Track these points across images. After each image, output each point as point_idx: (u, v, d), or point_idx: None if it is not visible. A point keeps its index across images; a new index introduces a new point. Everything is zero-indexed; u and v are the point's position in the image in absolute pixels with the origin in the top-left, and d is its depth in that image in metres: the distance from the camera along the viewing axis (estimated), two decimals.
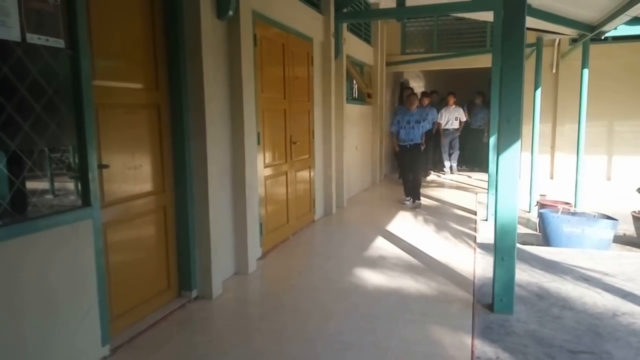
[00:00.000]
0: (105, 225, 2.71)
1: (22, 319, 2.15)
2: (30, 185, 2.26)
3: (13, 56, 2.09)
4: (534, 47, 7.88)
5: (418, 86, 13.09)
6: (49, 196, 2.43)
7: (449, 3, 6.51)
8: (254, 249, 4.17)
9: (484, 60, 8.78)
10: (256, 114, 4.18)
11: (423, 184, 8.76)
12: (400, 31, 10.64)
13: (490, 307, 3.25)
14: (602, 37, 6.49)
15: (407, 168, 7.16)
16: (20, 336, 2.14)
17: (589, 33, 6.16)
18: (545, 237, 5.45)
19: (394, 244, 4.91)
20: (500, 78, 3.07)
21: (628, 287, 3.67)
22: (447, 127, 10.29)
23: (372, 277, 3.91)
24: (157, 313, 3.18)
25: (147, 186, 3.16)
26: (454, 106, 10.24)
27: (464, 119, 10.32)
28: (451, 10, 7.13)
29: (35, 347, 2.21)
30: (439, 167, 10.96)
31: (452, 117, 10.23)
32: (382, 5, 8.44)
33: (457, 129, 10.37)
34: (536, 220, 6.13)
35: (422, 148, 6.97)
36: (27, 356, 2.17)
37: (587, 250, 4.90)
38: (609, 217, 5.35)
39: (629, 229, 5.88)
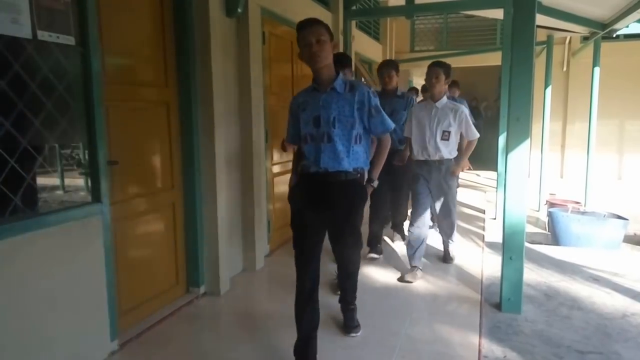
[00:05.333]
0: (115, 221, 2.73)
1: (32, 313, 2.17)
2: (41, 181, 2.29)
3: (24, 53, 2.11)
4: (545, 45, 7.83)
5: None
6: (59, 192, 2.46)
7: (459, 0, 6.47)
8: (262, 246, 4.19)
9: (494, 58, 8.73)
10: (264, 111, 4.19)
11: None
12: (409, 28, 10.61)
13: (498, 307, 3.24)
14: (614, 35, 6.44)
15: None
16: (29, 331, 2.16)
17: (601, 31, 6.12)
18: (554, 237, 5.43)
19: (401, 241, 4.90)
20: (510, 76, 3.05)
21: (638, 287, 3.64)
22: (422, 156, 3.85)
23: (379, 275, 3.91)
24: (165, 309, 3.20)
25: (156, 183, 3.17)
26: (445, 99, 3.81)
27: (474, 135, 3.83)
28: (461, 7, 7.09)
29: (44, 341, 2.23)
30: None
31: (437, 130, 3.76)
32: (391, 3, 8.42)
33: (448, 162, 3.86)
34: (545, 219, 6.10)
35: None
36: (35, 351, 2.20)
37: (597, 250, 4.86)
38: (619, 217, 5.32)
39: (639, 228, 5.83)
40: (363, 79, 8.15)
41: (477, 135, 3.84)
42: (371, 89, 2.42)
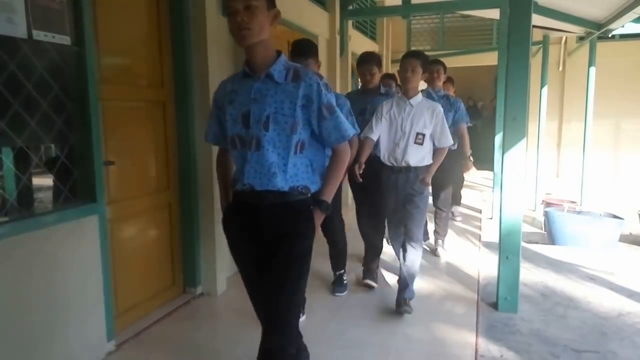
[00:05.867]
0: (111, 222, 2.72)
1: (28, 314, 2.16)
2: (37, 181, 2.27)
3: (19, 53, 2.09)
4: (541, 45, 7.85)
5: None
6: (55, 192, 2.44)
7: (455, 0, 6.48)
8: None
9: (490, 58, 8.74)
10: None
11: None
12: (406, 28, 10.62)
13: (494, 306, 3.25)
14: (610, 35, 6.46)
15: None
16: (26, 332, 2.15)
17: (596, 31, 6.13)
18: (550, 236, 5.44)
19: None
20: (506, 76, 3.06)
21: (633, 286, 3.65)
22: (388, 162, 3.20)
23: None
24: (162, 309, 3.19)
25: (153, 183, 3.17)
26: (420, 96, 3.18)
27: (447, 141, 3.16)
28: (457, 7, 7.11)
29: (41, 342, 2.22)
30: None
31: (411, 131, 3.11)
32: (388, 2, 8.42)
33: (418, 170, 3.16)
34: (542, 218, 6.12)
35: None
36: (32, 352, 2.19)
37: (593, 249, 4.88)
38: (615, 216, 5.33)
39: (635, 228, 5.85)
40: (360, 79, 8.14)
41: (450, 142, 3.20)
42: (323, 80, 1.81)
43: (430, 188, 3.29)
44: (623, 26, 5.84)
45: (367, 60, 3.60)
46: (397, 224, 3.31)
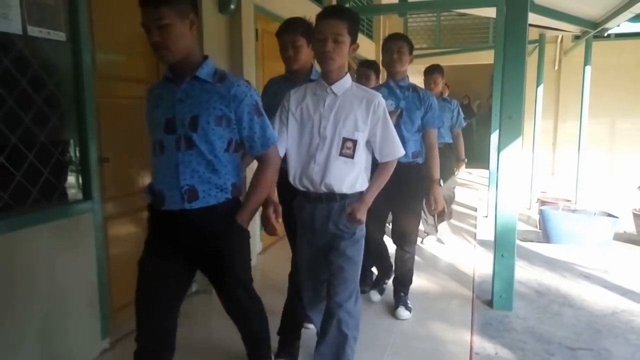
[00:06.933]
0: (106, 219, 2.71)
1: (22, 312, 2.15)
2: (31, 178, 2.26)
3: (14, 49, 2.08)
4: (537, 44, 7.87)
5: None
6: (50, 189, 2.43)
7: None
8: (254, 244, 4.18)
9: (486, 56, 8.76)
10: None
11: None
12: (402, 26, 10.62)
13: (489, 304, 3.26)
14: (605, 34, 6.48)
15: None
16: (19, 329, 2.15)
17: (592, 30, 6.15)
18: (545, 234, 5.46)
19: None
20: (502, 74, 3.06)
21: (627, 284, 3.67)
22: (301, 184, 2.06)
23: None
24: None
25: (149, 180, 3.15)
26: (349, 81, 2.03)
27: (397, 151, 2.04)
28: (454, 6, 7.10)
29: (35, 340, 2.22)
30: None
31: (334, 136, 1.98)
32: (385, 0, 8.42)
33: (346, 198, 2.02)
34: (537, 217, 6.14)
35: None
36: (25, 349, 2.18)
37: (588, 247, 4.90)
38: (609, 215, 5.36)
39: (629, 226, 5.89)
40: (356, 77, 8.13)
41: (401, 152, 2.05)
42: None
43: (363, 228, 2.10)
44: (619, 25, 5.86)
45: (288, 28, 2.39)
46: (315, 283, 2.23)
